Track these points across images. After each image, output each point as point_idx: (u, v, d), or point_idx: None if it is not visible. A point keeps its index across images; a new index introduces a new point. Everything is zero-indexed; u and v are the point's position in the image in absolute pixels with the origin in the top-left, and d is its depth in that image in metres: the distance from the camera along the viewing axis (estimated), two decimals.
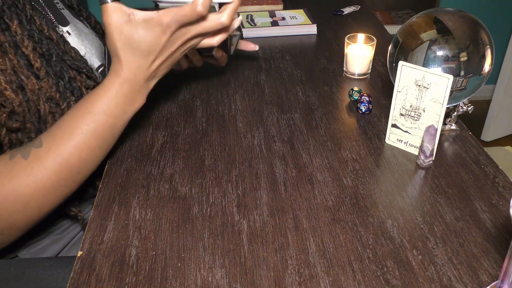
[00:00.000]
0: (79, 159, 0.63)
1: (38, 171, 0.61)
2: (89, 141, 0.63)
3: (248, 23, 1.25)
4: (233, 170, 0.71)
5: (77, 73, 0.74)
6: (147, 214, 0.63)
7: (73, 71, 0.74)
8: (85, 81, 0.75)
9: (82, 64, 0.74)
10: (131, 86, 0.64)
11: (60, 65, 0.70)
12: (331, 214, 0.63)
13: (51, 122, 0.70)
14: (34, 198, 0.62)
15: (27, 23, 0.68)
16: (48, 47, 0.70)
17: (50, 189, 0.62)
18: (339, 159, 0.73)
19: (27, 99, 0.67)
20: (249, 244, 0.59)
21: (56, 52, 0.71)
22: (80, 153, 0.63)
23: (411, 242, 0.59)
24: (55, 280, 0.70)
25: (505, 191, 0.67)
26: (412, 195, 0.66)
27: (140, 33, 0.60)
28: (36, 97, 0.68)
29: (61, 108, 0.71)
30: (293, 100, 0.90)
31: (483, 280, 0.54)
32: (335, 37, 1.19)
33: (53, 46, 0.71)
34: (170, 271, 0.55)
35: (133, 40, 0.60)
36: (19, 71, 0.66)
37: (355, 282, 0.54)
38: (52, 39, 0.72)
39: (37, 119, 0.69)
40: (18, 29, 0.66)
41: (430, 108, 0.69)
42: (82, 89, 0.75)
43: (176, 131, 0.81)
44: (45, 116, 0.69)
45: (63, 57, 0.72)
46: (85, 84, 0.75)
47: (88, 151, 0.64)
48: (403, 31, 0.75)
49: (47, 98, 0.69)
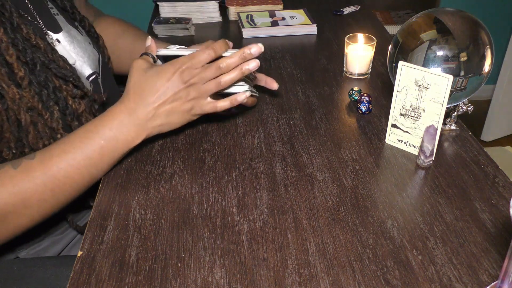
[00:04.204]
0: (66, 175, 0.63)
1: (26, 180, 0.61)
2: (78, 159, 0.64)
3: (248, 23, 1.25)
4: (233, 170, 0.71)
5: (63, 82, 0.72)
6: (147, 214, 0.64)
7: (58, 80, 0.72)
8: (71, 90, 0.73)
9: (69, 72, 0.73)
10: (129, 114, 0.67)
11: (44, 75, 0.70)
12: (331, 214, 0.63)
13: (33, 132, 0.69)
14: (15, 209, 0.61)
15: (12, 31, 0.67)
16: (33, 56, 0.69)
17: (33, 202, 0.62)
18: (339, 159, 0.73)
19: (6, 107, 0.66)
20: (249, 244, 0.59)
21: (41, 61, 0.70)
22: (67, 168, 0.63)
23: (411, 242, 0.59)
24: (58, 279, 0.70)
25: (505, 191, 0.67)
26: (412, 195, 0.66)
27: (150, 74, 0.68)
28: (16, 107, 0.66)
29: (44, 118, 0.69)
30: (293, 100, 0.90)
31: (483, 280, 0.54)
32: (335, 37, 1.19)
33: (39, 54, 0.70)
34: (170, 271, 0.55)
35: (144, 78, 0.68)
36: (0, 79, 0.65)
37: (355, 282, 0.54)
38: (39, 47, 0.70)
39: (17, 129, 0.68)
40: (4, 37, 0.65)
41: (430, 108, 0.69)
42: (68, 99, 0.73)
43: (176, 131, 0.80)
44: (27, 126, 0.68)
45: (49, 66, 0.70)
46: (71, 93, 0.73)
47: (75, 170, 0.64)
48: (403, 31, 0.75)
49: (28, 107, 0.68)
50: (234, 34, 1.24)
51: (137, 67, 0.68)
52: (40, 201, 0.63)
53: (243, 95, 0.72)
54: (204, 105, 0.71)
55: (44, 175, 0.62)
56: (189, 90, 0.68)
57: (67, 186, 0.64)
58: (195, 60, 0.67)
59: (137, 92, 0.67)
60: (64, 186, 0.64)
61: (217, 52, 0.68)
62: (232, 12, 1.33)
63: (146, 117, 0.67)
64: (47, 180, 0.62)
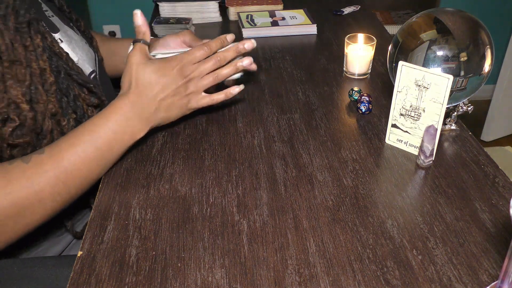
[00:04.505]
0: (77, 167, 0.65)
1: (39, 174, 0.62)
2: (88, 152, 0.65)
3: (248, 23, 1.25)
4: (233, 170, 0.71)
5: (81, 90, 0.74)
6: (147, 214, 0.64)
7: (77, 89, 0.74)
8: (89, 98, 0.75)
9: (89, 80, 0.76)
10: (133, 107, 0.69)
11: (67, 82, 0.72)
12: (331, 214, 0.63)
13: (48, 139, 0.69)
14: (30, 203, 0.61)
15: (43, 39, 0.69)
16: (57, 64, 0.71)
17: (47, 195, 0.63)
18: (339, 159, 0.73)
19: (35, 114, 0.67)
20: (249, 244, 0.59)
21: (64, 68, 0.72)
22: (77, 161, 0.64)
23: (411, 242, 0.59)
24: (58, 279, 0.70)
25: (505, 191, 0.67)
26: (412, 195, 0.66)
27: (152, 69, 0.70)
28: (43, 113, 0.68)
29: (61, 125, 0.71)
30: (293, 100, 0.90)
31: (483, 280, 0.54)
32: (335, 37, 1.19)
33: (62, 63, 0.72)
34: (170, 271, 0.55)
35: (145, 72, 0.70)
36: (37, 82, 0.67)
37: (355, 282, 0.54)
38: (61, 56, 0.72)
39: (37, 136, 0.68)
40: (41, 43, 0.68)
41: (430, 108, 0.69)
42: (85, 107, 0.75)
43: (176, 131, 0.81)
44: (46, 133, 0.69)
45: (71, 73, 0.73)
46: (88, 101, 0.75)
47: (85, 163, 0.65)
48: (403, 31, 0.75)
49: (52, 114, 0.69)
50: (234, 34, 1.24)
51: (136, 61, 0.70)
52: (53, 195, 0.63)
53: (237, 88, 0.77)
54: (200, 99, 0.75)
55: (56, 168, 0.63)
56: (188, 85, 0.72)
57: (78, 179, 0.65)
58: (192, 56, 0.72)
59: (139, 87, 0.69)
60: (75, 179, 0.65)
61: (212, 49, 0.74)
62: (232, 12, 1.33)
63: (149, 111, 0.70)
64: (58, 174, 0.63)
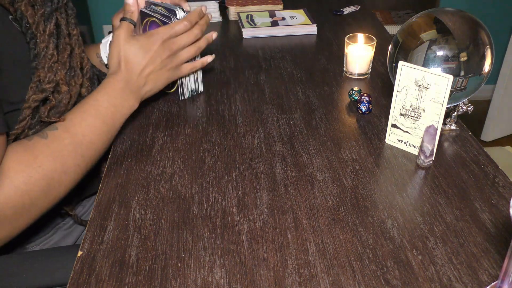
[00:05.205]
0: (90, 140, 0.69)
1: (60, 147, 0.65)
2: (97, 125, 0.70)
3: (248, 23, 1.25)
4: (233, 170, 0.71)
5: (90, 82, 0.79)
6: (147, 214, 0.64)
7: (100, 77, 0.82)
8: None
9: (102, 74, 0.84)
10: (126, 83, 0.75)
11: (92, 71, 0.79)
12: (331, 214, 0.63)
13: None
14: (58, 175, 0.64)
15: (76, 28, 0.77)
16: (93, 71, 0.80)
17: (70, 167, 0.66)
18: (339, 159, 0.73)
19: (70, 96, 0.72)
20: (249, 244, 0.59)
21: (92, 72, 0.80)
22: (89, 134, 0.69)
23: (411, 242, 0.59)
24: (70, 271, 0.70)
25: (505, 191, 0.67)
26: (412, 195, 0.66)
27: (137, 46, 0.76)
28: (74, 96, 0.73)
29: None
30: (293, 100, 0.90)
31: (483, 280, 0.54)
32: (335, 37, 1.19)
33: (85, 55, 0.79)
34: (170, 271, 0.55)
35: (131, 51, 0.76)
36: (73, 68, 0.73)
37: (355, 282, 0.54)
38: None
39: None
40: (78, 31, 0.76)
41: (430, 108, 0.69)
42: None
43: (176, 131, 0.81)
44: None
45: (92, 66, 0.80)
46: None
47: (96, 136, 0.70)
48: (403, 31, 0.75)
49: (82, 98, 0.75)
50: (234, 34, 1.24)
51: (122, 40, 0.76)
52: (75, 166, 0.67)
53: (210, 57, 0.87)
54: (183, 68, 0.83)
55: (74, 142, 0.67)
56: (172, 57, 0.79)
57: (92, 151, 0.70)
58: (173, 30, 0.78)
59: (128, 63, 0.76)
60: (90, 151, 0.69)
61: (192, 22, 0.81)
62: (232, 12, 1.33)
63: (139, 84, 0.77)
64: (76, 146, 0.67)
